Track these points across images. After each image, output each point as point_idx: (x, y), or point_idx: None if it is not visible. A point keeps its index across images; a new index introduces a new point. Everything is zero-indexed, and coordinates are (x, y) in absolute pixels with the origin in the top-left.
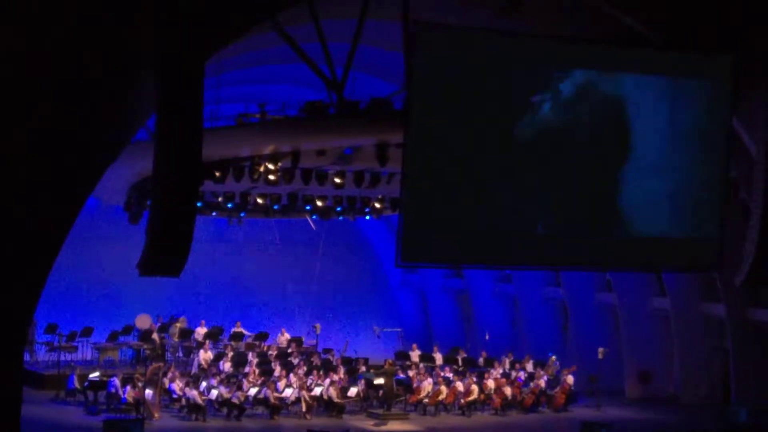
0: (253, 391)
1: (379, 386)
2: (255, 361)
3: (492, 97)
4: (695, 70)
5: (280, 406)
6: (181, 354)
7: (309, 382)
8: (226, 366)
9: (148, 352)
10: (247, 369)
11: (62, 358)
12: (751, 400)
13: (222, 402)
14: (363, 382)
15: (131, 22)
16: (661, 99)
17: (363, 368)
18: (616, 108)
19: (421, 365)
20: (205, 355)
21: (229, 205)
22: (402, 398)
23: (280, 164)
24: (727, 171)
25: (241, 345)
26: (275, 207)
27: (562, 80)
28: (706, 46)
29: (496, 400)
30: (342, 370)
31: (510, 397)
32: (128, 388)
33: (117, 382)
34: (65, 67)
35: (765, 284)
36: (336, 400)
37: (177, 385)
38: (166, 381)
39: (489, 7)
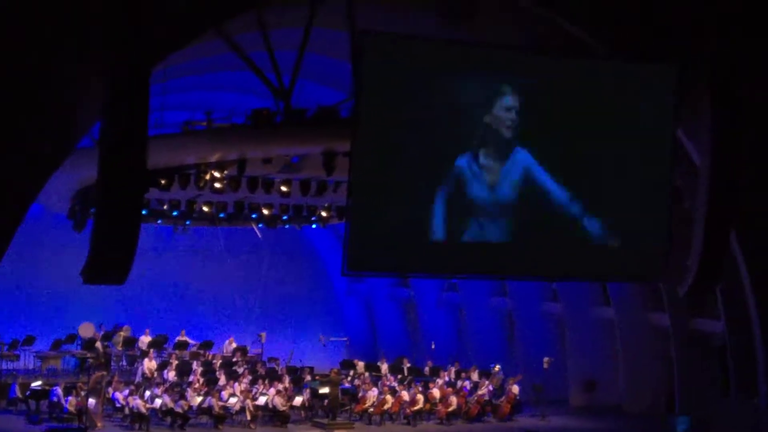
0: (197, 400)
1: (324, 395)
2: (199, 370)
3: (440, 106)
4: (640, 81)
5: (224, 416)
6: (124, 363)
7: (254, 391)
8: (171, 375)
9: (91, 360)
10: (191, 378)
11: (4, 366)
12: (695, 408)
13: (166, 411)
14: (308, 391)
15: (76, 29)
16: (605, 109)
17: (308, 377)
18: (561, 116)
19: (367, 374)
20: (149, 364)
21: (175, 213)
22: (347, 407)
23: (226, 172)
24: (672, 181)
25: (186, 354)
26: (221, 215)
27: (510, 89)
28: (652, 57)
29: (442, 410)
30: (287, 379)
31: (455, 407)
32: (71, 397)
33: (59, 391)
34: (9, 74)
35: (708, 294)
36: (281, 409)
37: (120, 395)
38: (109, 390)
39: (439, 16)
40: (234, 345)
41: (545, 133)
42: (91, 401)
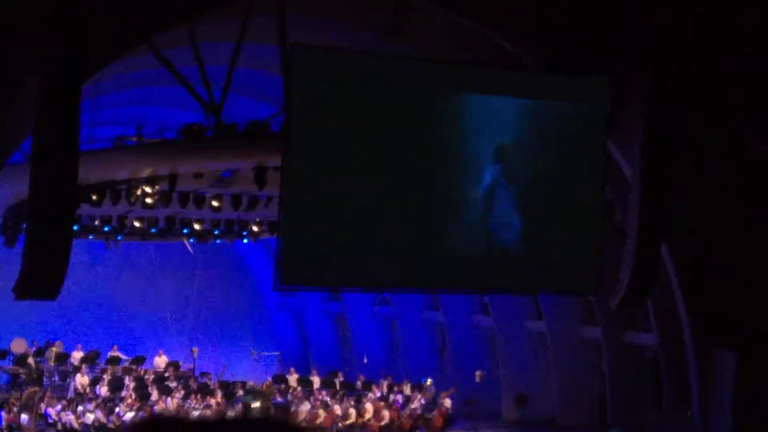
0: (129, 415)
1: (257, 410)
2: (132, 385)
3: (373, 119)
4: (573, 93)
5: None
6: (57, 378)
7: (186, 406)
8: (103, 390)
9: (23, 376)
10: (123, 393)
11: None
12: (628, 421)
13: (98, 427)
14: (241, 405)
15: (4, 44)
16: (538, 121)
17: (241, 392)
18: (493, 129)
19: (299, 389)
20: (82, 380)
21: (106, 229)
22: None
23: (157, 187)
24: (603, 194)
25: (118, 369)
26: (153, 230)
27: (444, 102)
28: (584, 70)
29: (374, 424)
30: (219, 394)
31: (388, 421)
32: (3, 413)
33: None
34: None
35: (640, 307)
36: None
37: (53, 410)
38: (42, 406)
39: (372, 28)
40: (164, 357)
41: (474, 146)
42: (24, 417)
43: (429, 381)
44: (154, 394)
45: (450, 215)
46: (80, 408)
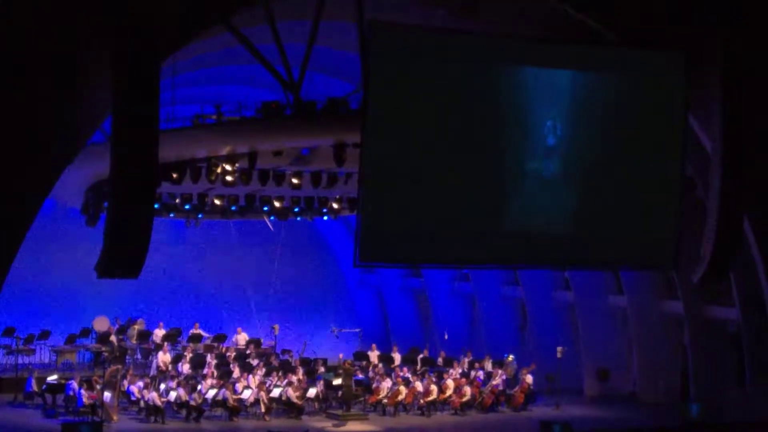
0: (211, 392)
1: (338, 387)
2: (213, 362)
3: (448, 96)
4: (649, 68)
5: (238, 408)
6: (139, 356)
7: (268, 383)
8: (185, 368)
9: (106, 354)
10: (205, 371)
11: (20, 361)
12: (710, 396)
13: (180, 404)
14: (322, 382)
15: (87, 24)
16: (615, 97)
17: (322, 369)
18: (570, 106)
19: (380, 365)
20: (164, 357)
21: (187, 207)
22: (361, 399)
23: (237, 165)
24: (683, 169)
25: (200, 347)
26: (233, 208)
27: (518, 78)
28: (661, 44)
29: (456, 400)
30: (301, 371)
31: (469, 397)
32: (86, 390)
33: (75, 384)
34: (20, 69)
35: (722, 282)
36: (295, 401)
37: (135, 388)
38: (124, 383)
39: (445, 6)
40: (243, 335)
41: (552, 123)
42: (107, 395)
43: (511, 357)
44: (236, 372)
45: (525, 191)
46: (162, 386)
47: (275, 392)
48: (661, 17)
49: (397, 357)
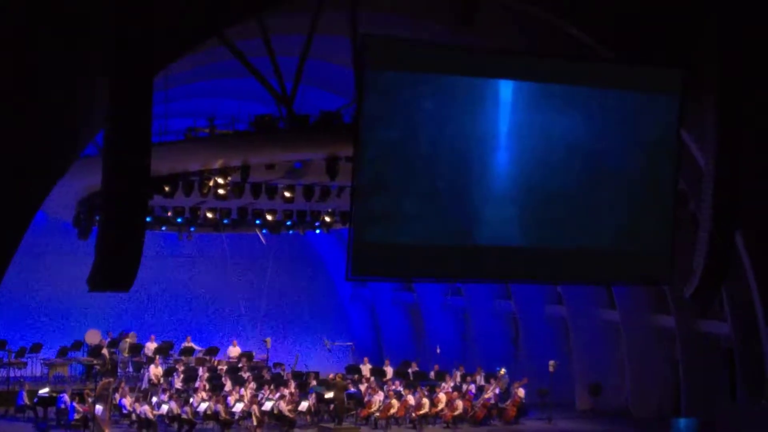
0: (203, 406)
1: (330, 400)
2: (205, 375)
3: (443, 110)
4: (645, 84)
5: (230, 421)
6: (131, 369)
7: (259, 396)
8: (177, 381)
9: (98, 367)
10: (197, 384)
11: (11, 374)
12: (702, 411)
13: (172, 417)
14: (314, 396)
15: (80, 37)
16: (611, 112)
17: (314, 382)
18: (566, 121)
19: (372, 379)
20: (156, 370)
21: (179, 220)
22: (353, 412)
23: (229, 178)
24: (676, 183)
25: (192, 360)
26: (225, 221)
27: (514, 93)
28: (656, 61)
29: (448, 414)
30: (293, 384)
31: (461, 411)
32: (78, 404)
33: (66, 397)
34: (12, 82)
35: (714, 297)
36: (287, 414)
37: (127, 401)
38: (116, 396)
39: (440, 21)
40: (237, 348)
41: (548, 137)
42: (98, 408)
43: (503, 371)
44: (228, 385)
45: (520, 205)
46: (154, 399)
47: (267, 405)
48: (658, 33)
49: (389, 370)
